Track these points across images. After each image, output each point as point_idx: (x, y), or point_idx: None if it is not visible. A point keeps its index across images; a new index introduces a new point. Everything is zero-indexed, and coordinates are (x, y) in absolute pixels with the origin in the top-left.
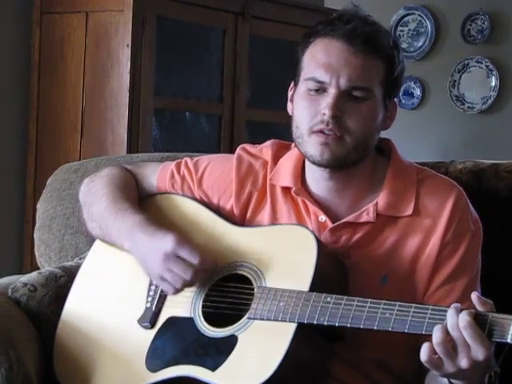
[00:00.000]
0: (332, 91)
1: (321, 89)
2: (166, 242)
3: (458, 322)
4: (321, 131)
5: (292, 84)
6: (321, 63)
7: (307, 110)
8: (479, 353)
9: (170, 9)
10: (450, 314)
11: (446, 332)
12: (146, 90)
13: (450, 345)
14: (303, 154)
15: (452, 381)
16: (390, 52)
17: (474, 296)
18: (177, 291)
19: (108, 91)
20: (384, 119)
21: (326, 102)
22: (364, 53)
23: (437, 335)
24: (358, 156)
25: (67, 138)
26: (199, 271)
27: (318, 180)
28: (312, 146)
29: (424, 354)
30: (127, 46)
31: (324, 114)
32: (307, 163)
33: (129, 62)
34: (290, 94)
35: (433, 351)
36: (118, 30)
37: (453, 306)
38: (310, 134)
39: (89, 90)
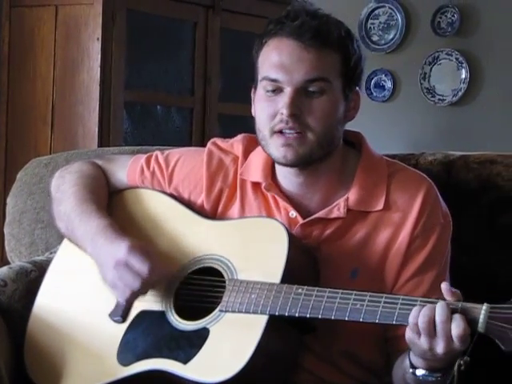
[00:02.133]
0: (288, 90)
1: (277, 89)
2: (119, 249)
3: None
4: (281, 131)
5: (253, 87)
6: (273, 63)
7: (266, 112)
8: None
9: (141, 2)
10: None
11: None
12: (116, 83)
13: (433, 326)
14: (269, 155)
15: (415, 364)
16: (343, 42)
17: (444, 286)
18: (128, 299)
19: (78, 85)
20: (347, 110)
21: (283, 101)
22: (315, 47)
23: (425, 313)
24: (324, 151)
25: (37, 131)
26: (149, 280)
27: (286, 177)
28: (274, 147)
29: (414, 315)
30: (97, 39)
31: (282, 113)
32: None
33: (99, 56)
34: (252, 96)
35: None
36: (88, 23)
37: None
38: (271, 135)
39: (59, 83)
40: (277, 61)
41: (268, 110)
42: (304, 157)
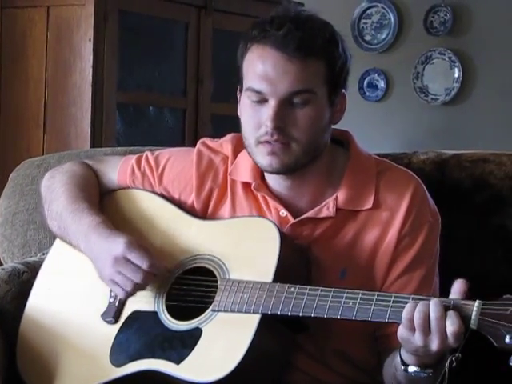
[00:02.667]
0: (272, 102)
1: (261, 99)
2: (116, 246)
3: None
4: (267, 141)
5: (238, 88)
6: (258, 73)
7: (251, 121)
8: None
9: (133, 2)
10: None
11: (428, 311)
12: (108, 84)
13: (428, 323)
14: (256, 164)
15: (407, 361)
16: (328, 48)
17: (459, 285)
18: (128, 295)
19: (70, 86)
20: (332, 115)
21: (268, 113)
22: (299, 58)
23: (421, 309)
24: (309, 158)
25: (30, 133)
26: (149, 274)
27: (274, 179)
28: (260, 155)
29: (408, 311)
30: (89, 40)
31: (267, 125)
32: None
33: (91, 57)
34: (238, 96)
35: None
36: (79, 24)
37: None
38: (256, 144)
39: (51, 84)
40: (261, 71)
41: (253, 119)
42: (289, 165)
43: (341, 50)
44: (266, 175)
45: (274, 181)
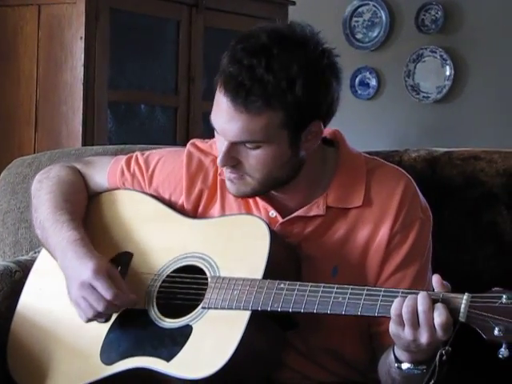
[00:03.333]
0: (223, 144)
1: None
2: (84, 271)
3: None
4: None
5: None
6: (213, 115)
7: (216, 147)
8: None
9: (124, 0)
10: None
11: (416, 305)
12: (100, 82)
13: (416, 317)
14: None
15: (400, 358)
16: (288, 98)
17: (435, 278)
18: (89, 320)
19: (62, 84)
20: (297, 149)
21: (219, 149)
22: (247, 111)
23: (408, 303)
24: (270, 188)
25: (21, 131)
26: (112, 305)
27: None
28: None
29: (396, 307)
30: (81, 38)
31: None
32: None
33: (82, 55)
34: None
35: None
36: (71, 22)
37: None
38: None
39: (42, 83)
40: (215, 115)
41: (217, 145)
42: (246, 193)
43: (312, 88)
44: None
45: None
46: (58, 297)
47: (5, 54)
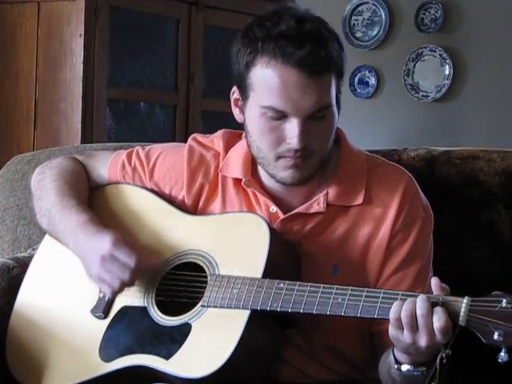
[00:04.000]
0: (295, 120)
1: (281, 116)
2: (103, 244)
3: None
4: (289, 156)
5: (235, 90)
6: (279, 93)
7: (270, 137)
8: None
9: None
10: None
11: (415, 309)
12: (99, 80)
13: (415, 320)
14: (268, 174)
15: (400, 360)
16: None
17: (434, 281)
18: (116, 292)
19: (61, 81)
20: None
21: (293, 132)
22: (320, 75)
23: (407, 307)
24: (322, 166)
25: (20, 129)
26: (137, 272)
27: (272, 179)
28: (280, 169)
29: (394, 311)
30: (80, 35)
31: (290, 143)
32: None
33: (82, 52)
34: (234, 98)
35: (399, 313)
36: (70, 19)
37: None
38: (276, 159)
39: (41, 80)
40: (282, 91)
41: (272, 136)
42: (308, 177)
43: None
44: (261, 172)
45: (271, 179)
46: (57, 293)
47: (4, 51)
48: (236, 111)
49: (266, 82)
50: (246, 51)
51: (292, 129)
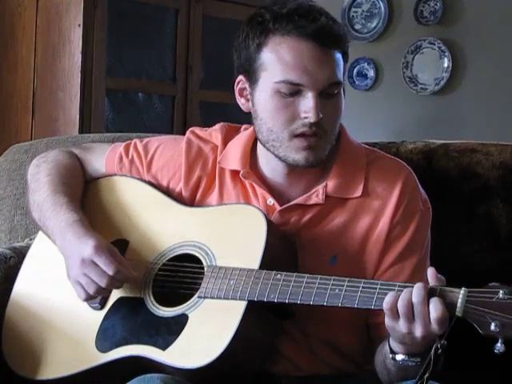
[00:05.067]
0: (310, 94)
1: (295, 91)
2: (86, 247)
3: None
4: (303, 134)
5: (241, 78)
6: (294, 66)
7: (283, 114)
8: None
9: None
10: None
11: (411, 298)
12: (98, 70)
13: (411, 310)
14: (279, 157)
15: (395, 349)
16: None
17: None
18: (89, 297)
19: (59, 71)
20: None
21: (308, 106)
22: (333, 50)
23: (404, 296)
24: (329, 150)
25: (18, 118)
26: (114, 281)
27: (274, 169)
28: (294, 150)
29: (388, 301)
30: (79, 25)
31: (306, 117)
32: (261, 149)
33: (80, 42)
34: (239, 88)
35: (396, 303)
36: (69, 9)
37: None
38: (291, 138)
39: (40, 69)
40: (298, 64)
41: (286, 113)
42: (321, 158)
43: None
44: (262, 163)
45: (272, 170)
46: (54, 283)
47: (3, 40)
48: (242, 101)
49: (281, 57)
50: (255, 33)
51: (307, 102)
